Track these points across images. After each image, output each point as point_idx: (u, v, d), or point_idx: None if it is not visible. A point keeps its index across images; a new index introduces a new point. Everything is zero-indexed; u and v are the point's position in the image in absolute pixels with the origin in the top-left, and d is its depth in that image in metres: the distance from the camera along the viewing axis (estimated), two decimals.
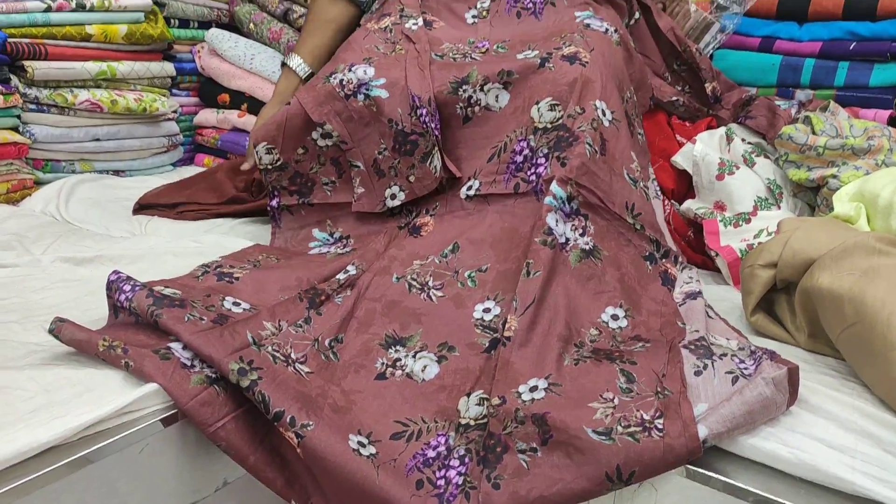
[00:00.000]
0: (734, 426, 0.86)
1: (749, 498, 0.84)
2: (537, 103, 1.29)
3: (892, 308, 0.92)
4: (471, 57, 1.39)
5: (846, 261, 1.02)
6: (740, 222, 1.42)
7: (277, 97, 1.62)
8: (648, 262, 1.22)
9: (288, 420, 0.91)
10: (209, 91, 2.18)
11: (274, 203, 1.42)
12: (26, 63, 1.68)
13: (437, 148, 1.30)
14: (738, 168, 1.48)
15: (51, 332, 0.97)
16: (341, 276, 1.20)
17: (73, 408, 0.85)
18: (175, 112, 2.06)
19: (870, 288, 0.96)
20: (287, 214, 1.42)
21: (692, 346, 0.99)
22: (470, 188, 1.30)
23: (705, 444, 0.85)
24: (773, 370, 0.89)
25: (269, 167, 1.40)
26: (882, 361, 0.92)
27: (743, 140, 1.54)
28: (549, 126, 1.26)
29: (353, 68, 1.35)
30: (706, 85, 1.64)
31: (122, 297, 1.02)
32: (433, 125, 1.30)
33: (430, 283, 1.17)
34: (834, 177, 1.37)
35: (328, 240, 1.39)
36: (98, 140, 1.87)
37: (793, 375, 0.89)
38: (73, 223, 1.58)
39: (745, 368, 0.92)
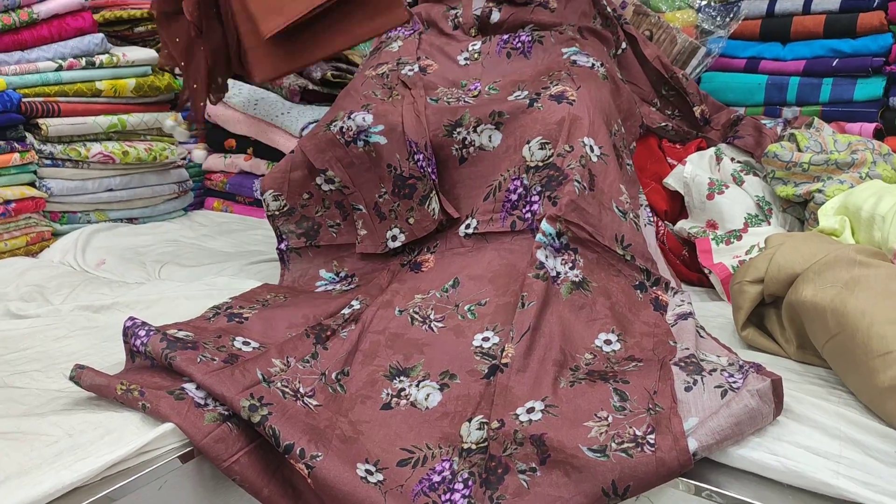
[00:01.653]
0: (723, 438, 0.90)
1: None
2: (528, 142, 1.33)
3: (873, 318, 0.96)
4: (464, 100, 1.44)
5: (828, 273, 1.06)
6: (732, 239, 1.45)
7: None
8: (639, 291, 1.26)
9: (298, 452, 0.95)
10: (216, 137, 2.24)
11: (282, 246, 1.47)
12: (40, 121, 1.76)
13: (434, 191, 1.35)
14: (727, 187, 1.52)
15: (71, 378, 1.03)
16: (346, 310, 1.25)
17: (95, 449, 0.90)
18: (184, 159, 2.13)
19: (850, 299, 0.99)
20: (295, 256, 1.47)
21: (682, 363, 1.03)
22: (468, 226, 1.34)
23: (696, 457, 0.89)
24: (758, 382, 0.92)
25: (276, 213, 1.45)
26: (864, 370, 0.95)
27: (732, 159, 1.58)
28: (540, 164, 1.31)
29: (352, 115, 1.40)
30: (694, 109, 1.68)
31: (138, 342, 1.07)
32: (430, 169, 1.35)
33: (432, 316, 1.21)
34: (819, 191, 1.41)
35: (334, 279, 1.44)
36: (111, 190, 1.95)
37: (777, 387, 0.93)
38: (90, 272, 1.65)
39: (735, 382, 0.96)
